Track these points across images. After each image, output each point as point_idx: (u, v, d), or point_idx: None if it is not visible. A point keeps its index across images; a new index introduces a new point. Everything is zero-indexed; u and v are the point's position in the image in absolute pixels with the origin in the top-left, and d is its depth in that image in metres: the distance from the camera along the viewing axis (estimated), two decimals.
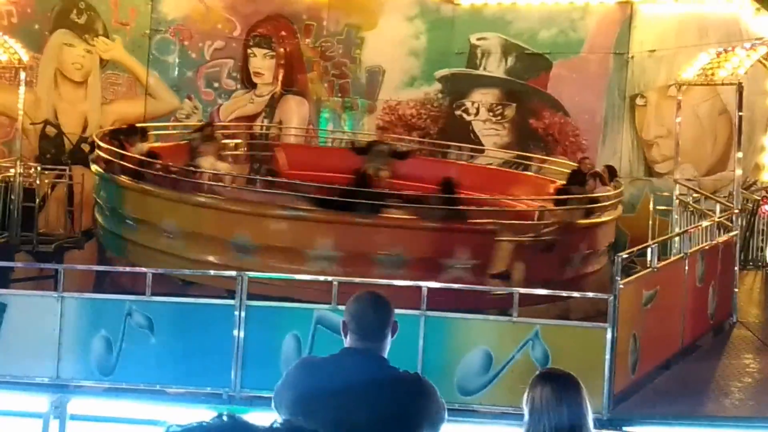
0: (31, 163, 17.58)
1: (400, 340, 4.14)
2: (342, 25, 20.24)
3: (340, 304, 9.06)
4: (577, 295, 11.85)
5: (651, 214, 15.97)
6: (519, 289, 9.61)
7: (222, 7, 19.88)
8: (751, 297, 13.94)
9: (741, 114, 13.44)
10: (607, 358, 8.87)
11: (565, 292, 11.53)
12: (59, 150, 18.71)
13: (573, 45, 19.49)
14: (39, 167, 17.24)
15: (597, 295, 10.13)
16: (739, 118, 13.46)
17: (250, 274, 9.64)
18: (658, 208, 15.89)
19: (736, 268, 12.76)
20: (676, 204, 14.46)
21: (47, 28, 18.77)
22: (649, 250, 10.39)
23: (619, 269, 9.21)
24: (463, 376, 9.12)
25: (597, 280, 13.99)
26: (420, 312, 9.16)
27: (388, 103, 20.04)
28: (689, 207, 14.13)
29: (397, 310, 4.13)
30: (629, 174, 18.66)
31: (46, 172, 17.48)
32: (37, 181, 16.95)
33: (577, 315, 12.12)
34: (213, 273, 11.66)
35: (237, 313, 9.30)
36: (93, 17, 19.03)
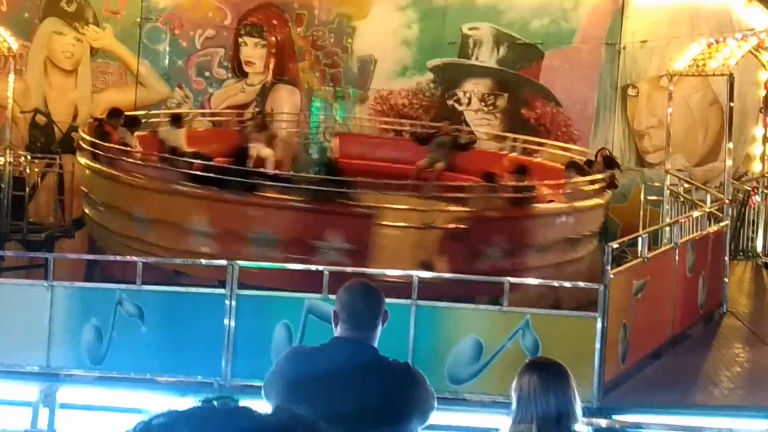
0: (21, 151, 17.54)
1: (391, 330, 4.15)
2: (333, 14, 20.19)
3: (330, 293, 9.06)
4: (567, 284, 11.87)
5: (642, 205, 15.99)
6: (510, 279, 9.61)
7: None
8: (741, 287, 13.98)
9: (732, 105, 13.46)
10: (597, 347, 8.88)
11: (556, 282, 11.54)
12: (49, 139, 18.66)
13: (565, 35, 19.47)
14: (29, 156, 17.21)
15: (588, 284, 10.14)
16: (730, 109, 13.48)
17: (240, 263, 9.63)
18: (649, 198, 15.91)
19: (727, 258, 12.79)
20: (667, 194, 14.48)
21: (37, 17, 18.71)
22: (639, 240, 10.41)
23: (609, 259, 9.22)
24: (454, 365, 9.13)
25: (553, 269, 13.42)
26: (411, 301, 9.16)
27: (380, 92, 19.99)
28: (680, 197, 14.16)
29: (387, 300, 4.13)
30: (620, 164, 18.66)
31: (36, 160, 17.44)
32: (27, 170, 16.92)
33: (569, 304, 12.14)
34: (204, 262, 11.65)
35: (228, 302, 9.29)
36: (83, 5, 18.97)
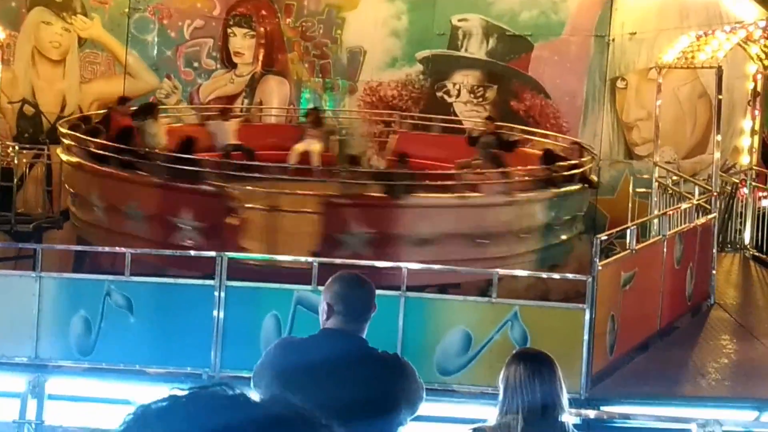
0: (9, 142, 17.49)
1: (380, 321, 4.15)
2: (323, 5, 20.13)
3: (319, 285, 9.06)
4: (557, 276, 11.91)
5: (630, 197, 16.03)
6: (500, 270, 9.64)
7: None
8: (728, 279, 14.02)
9: (720, 97, 13.49)
10: (585, 338, 8.92)
11: (545, 273, 11.58)
12: (37, 129, 18.59)
13: (554, 27, 19.48)
14: (17, 146, 17.16)
15: (576, 276, 10.17)
16: (719, 102, 13.51)
17: (229, 254, 9.63)
18: (638, 190, 15.94)
19: (714, 250, 12.84)
20: (656, 186, 14.51)
21: (24, 6, 18.61)
22: (628, 232, 10.44)
23: (597, 251, 9.25)
24: (443, 357, 9.15)
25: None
26: (399, 293, 9.18)
27: (369, 84, 19.97)
28: (668, 189, 14.19)
29: (377, 291, 4.14)
30: (609, 156, 18.71)
31: (24, 151, 17.39)
32: (15, 161, 16.87)
33: (557, 296, 12.17)
34: (193, 254, 11.64)
35: (217, 293, 9.29)
36: None
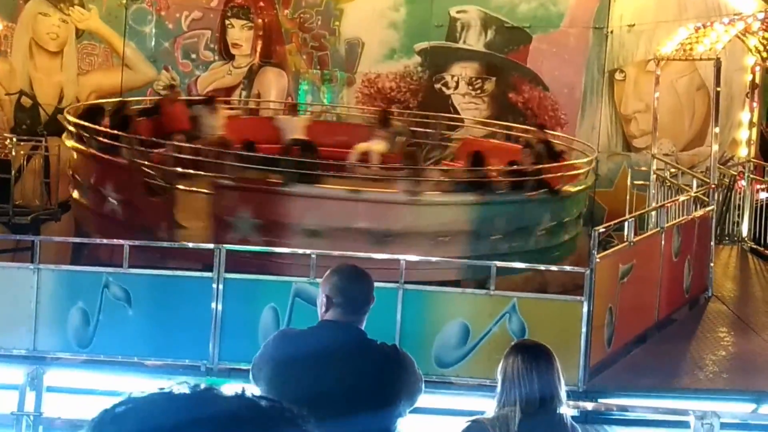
0: (7, 134, 17.47)
1: (378, 313, 4.15)
2: None
3: (318, 277, 9.06)
4: (554, 268, 11.91)
5: (628, 189, 16.03)
6: (497, 263, 9.63)
7: None
8: (726, 271, 14.03)
9: (719, 89, 13.49)
10: (583, 331, 8.93)
11: (541, 266, 11.58)
12: (35, 121, 18.56)
13: (552, 19, 19.45)
14: (14, 138, 17.14)
15: (574, 268, 10.17)
16: (717, 94, 13.52)
17: (227, 246, 9.63)
18: (636, 182, 15.94)
19: (712, 242, 12.85)
20: (654, 179, 14.52)
21: None
22: (626, 224, 10.45)
23: (595, 243, 9.26)
24: (440, 349, 9.16)
25: None
26: (397, 285, 9.18)
27: (367, 76, 19.94)
28: (666, 182, 14.19)
29: (374, 283, 4.13)
30: (607, 148, 18.70)
31: (22, 143, 17.37)
32: (13, 153, 16.85)
33: (555, 288, 12.18)
34: (191, 245, 11.63)
35: (215, 285, 9.29)
36: None
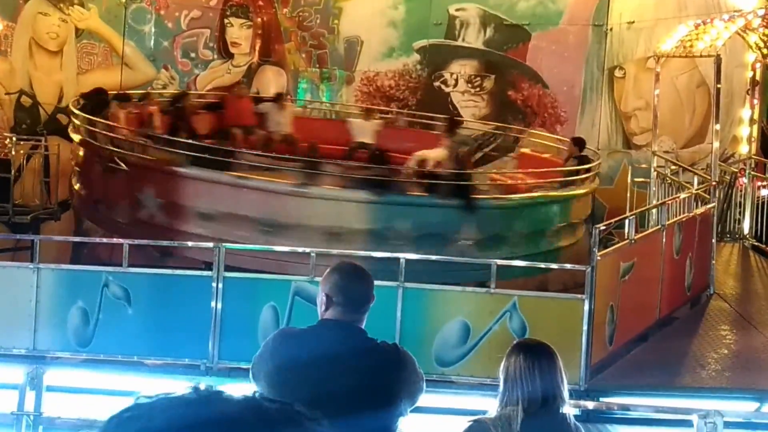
0: (7, 133, 17.45)
1: (378, 312, 4.12)
2: None
3: (317, 275, 9.04)
4: (555, 266, 11.89)
5: (629, 186, 15.99)
6: (498, 261, 9.61)
7: None
8: (728, 269, 13.99)
9: (719, 86, 13.45)
10: (585, 329, 8.90)
11: (542, 264, 11.56)
12: (34, 120, 18.55)
13: (552, 16, 19.43)
14: (14, 137, 17.12)
15: (575, 266, 10.14)
16: (717, 91, 13.48)
17: (227, 245, 9.60)
18: (636, 180, 15.90)
19: (714, 240, 12.81)
20: (654, 176, 14.48)
21: None
22: (626, 222, 10.42)
23: (596, 241, 9.23)
24: (441, 348, 9.13)
25: None
26: (397, 283, 9.15)
27: (366, 74, 19.92)
28: (667, 179, 14.16)
29: (375, 282, 4.10)
30: (607, 146, 18.68)
31: (22, 142, 17.36)
32: (13, 152, 16.83)
33: (555, 286, 12.16)
34: (191, 244, 11.62)
35: (214, 284, 9.27)
36: None
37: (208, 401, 1.46)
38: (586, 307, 8.93)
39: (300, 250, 10.54)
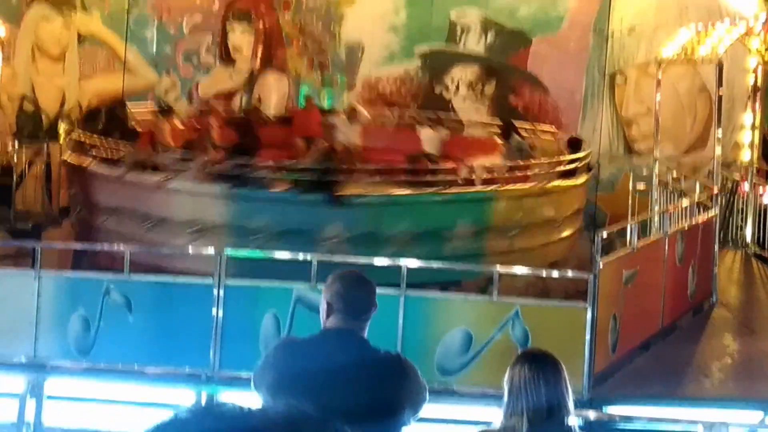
0: (8, 139, 17.44)
1: (379, 320, 4.10)
2: (321, 1, 20.10)
3: (319, 283, 9.01)
4: (556, 274, 11.83)
5: (630, 193, 15.94)
6: (499, 269, 9.56)
7: None
8: (730, 277, 13.95)
9: (721, 92, 13.42)
10: (587, 337, 8.86)
11: (544, 271, 11.50)
12: (37, 126, 18.54)
13: (552, 22, 19.42)
14: (16, 143, 17.12)
15: (577, 274, 10.10)
16: (719, 97, 13.44)
17: (229, 252, 9.57)
18: (638, 186, 15.85)
19: (716, 247, 12.77)
20: (656, 182, 14.44)
21: (25, 2, 18.55)
22: (628, 229, 10.38)
23: (598, 248, 9.19)
24: (443, 356, 9.09)
25: None
26: (399, 291, 9.11)
27: (368, 79, 19.93)
28: (669, 186, 14.12)
29: (376, 290, 4.08)
30: (608, 152, 18.65)
31: (24, 148, 17.35)
32: (15, 158, 16.82)
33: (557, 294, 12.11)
34: (191, 251, 11.59)
35: (215, 292, 9.24)
36: None
37: (249, 414, 1.47)
38: (589, 316, 8.90)
39: (301, 257, 10.48)
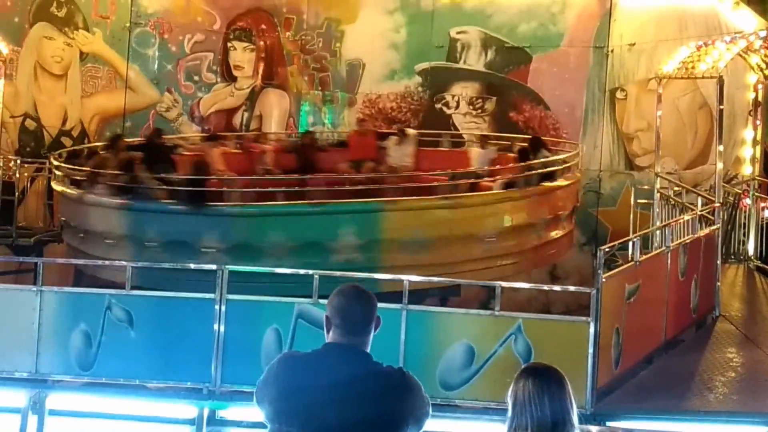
0: (11, 156, 17.49)
1: (382, 335, 4.08)
2: (322, 19, 20.17)
3: (321, 298, 9.01)
4: (558, 288, 11.84)
5: (632, 208, 15.95)
6: (502, 283, 9.55)
7: (202, 0, 19.80)
8: (733, 290, 13.94)
9: (722, 107, 13.43)
10: (590, 352, 8.84)
11: (546, 286, 11.51)
12: (39, 143, 18.61)
13: (553, 38, 19.48)
14: (18, 160, 17.17)
15: (579, 288, 10.08)
16: (720, 112, 13.45)
17: (230, 267, 9.57)
18: (639, 201, 15.86)
19: (718, 261, 12.75)
20: (657, 197, 14.44)
21: (27, 21, 18.65)
22: (630, 243, 10.38)
23: (601, 263, 9.18)
24: (445, 371, 9.06)
25: None
26: (401, 306, 9.10)
27: (368, 96, 19.97)
28: (671, 200, 14.12)
29: (378, 304, 4.07)
30: (610, 167, 18.67)
31: (26, 165, 17.41)
32: (17, 175, 16.86)
33: (559, 308, 12.11)
34: (193, 267, 11.57)
35: (217, 307, 9.23)
36: (73, 10, 18.93)
37: None
38: (592, 330, 8.87)
39: (302, 272, 10.47)
